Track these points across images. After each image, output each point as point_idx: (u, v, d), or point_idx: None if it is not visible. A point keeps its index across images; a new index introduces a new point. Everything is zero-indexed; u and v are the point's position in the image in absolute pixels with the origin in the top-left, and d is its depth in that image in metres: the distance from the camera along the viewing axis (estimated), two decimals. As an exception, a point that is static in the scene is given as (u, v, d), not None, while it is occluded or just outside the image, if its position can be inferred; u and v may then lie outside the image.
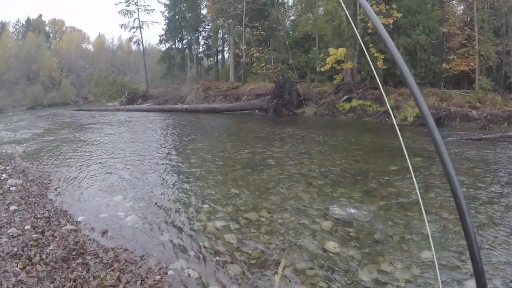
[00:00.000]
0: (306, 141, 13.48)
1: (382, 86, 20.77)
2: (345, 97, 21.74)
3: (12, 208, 6.83)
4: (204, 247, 5.07)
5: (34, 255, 4.63)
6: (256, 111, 24.93)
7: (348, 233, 5.30)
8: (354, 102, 20.92)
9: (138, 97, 44.37)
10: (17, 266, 4.33)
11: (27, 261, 4.47)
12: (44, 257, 4.61)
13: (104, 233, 5.63)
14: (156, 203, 7.04)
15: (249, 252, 4.86)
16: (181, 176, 9.09)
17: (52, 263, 4.47)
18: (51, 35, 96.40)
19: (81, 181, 9.06)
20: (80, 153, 13.00)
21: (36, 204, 7.23)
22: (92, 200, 7.46)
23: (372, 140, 13.36)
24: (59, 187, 8.57)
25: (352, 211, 6.12)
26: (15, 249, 4.83)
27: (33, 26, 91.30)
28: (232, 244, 5.12)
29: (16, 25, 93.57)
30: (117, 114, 31.91)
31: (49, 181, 9.17)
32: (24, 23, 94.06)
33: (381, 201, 6.58)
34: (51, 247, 4.95)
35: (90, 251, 4.91)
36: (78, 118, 29.81)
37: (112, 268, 4.45)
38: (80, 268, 4.40)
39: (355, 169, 8.93)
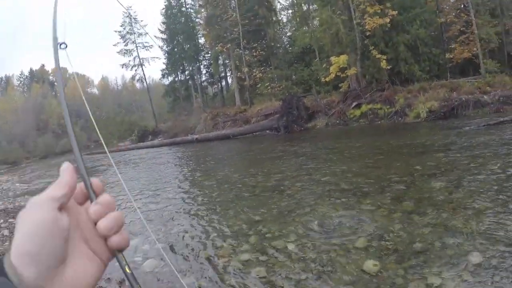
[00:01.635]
0: (322, 154, 13.03)
1: (389, 86, 20.59)
2: (354, 104, 21.43)
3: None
4: (231, 286, 4.63)
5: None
6: (267, 131, 24.76)
7: (385, 247, 4.81)
8: (364, 107, 20.58)
9: (148, 133, 44.99)
10: None
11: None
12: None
13: (121, 283, 5.26)
14: (174, 242, 6.69)
15: (282, 285, 4.38)
16: (198, 209, 8.71)
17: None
18: (55, 83, 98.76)
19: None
20: (93, 198, 12.75)
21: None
22: (106, 248, 7.09)
23: (389, 142, 12.85)
24: (72, 238, 8.25)
25: (385, 221, 5.64)
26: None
27: (36, 76, 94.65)
28: (263, 278, 4.66)
29: (20, 77, 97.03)
30: (129, 153, 32.05)
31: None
32: (27, 74, 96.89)
33: (413, 205, 6.09)
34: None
35: (107, 307, 4.41)
36: (90, 163, 30.10)
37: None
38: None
39: (378, 175, 8.44)
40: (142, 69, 52.79)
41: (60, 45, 0.72)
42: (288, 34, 39.61)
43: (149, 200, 10.58)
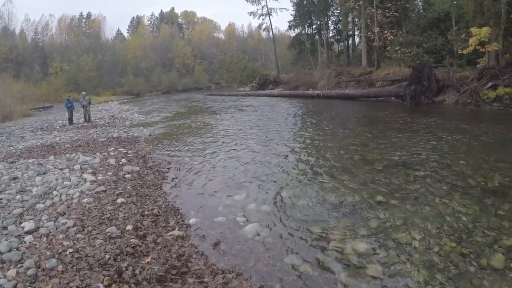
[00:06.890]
0: (453, 135, 11.55)
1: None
2: (490, 84, 19.45)
3: (120, 200, 6.61)
4: (340, 281, 4.07)
5: (126, 268, 4.15)
6: (392, 98, 24.04)
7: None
8: (500, 89, 18.50)
9: (268, 82, 46.25)
10: (102, 282, 3.90)
11: (116, 276, 3.98)
12: (137, 272, 4.12)
13: (216, 245, 4.96)
14: (282, 207, 6.20)
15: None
16: (313, 174, 8.18)
17: (144, 283, 3.92)
18: (183, 26, 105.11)
19: (202, 172, 8.77)
20: (205, 140, 13.02)
21: (147, 197, 6.96)
22: (210, 197, 6.98)
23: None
24: (176, 178, 8.37)
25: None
26: (107, 257, 4.45)
27: (166, 18, 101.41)
28: (376, 278, 4.08)
29: (150, 18, 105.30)
30: (247, 99, 33.04)
31: (167, 170, 9.09)
32: (157, 16, 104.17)
33: None
34: (148, 259, 4.45)
35: (195, 270, 4.23)
36: (209, 103, 31.50)
37: (218, 303, 3.61)
38: (177, 297, 3.70)
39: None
40: (269, 18, 54.00)
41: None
42: (424, -3, 37.29)
43: (263, 153, 10.40)
